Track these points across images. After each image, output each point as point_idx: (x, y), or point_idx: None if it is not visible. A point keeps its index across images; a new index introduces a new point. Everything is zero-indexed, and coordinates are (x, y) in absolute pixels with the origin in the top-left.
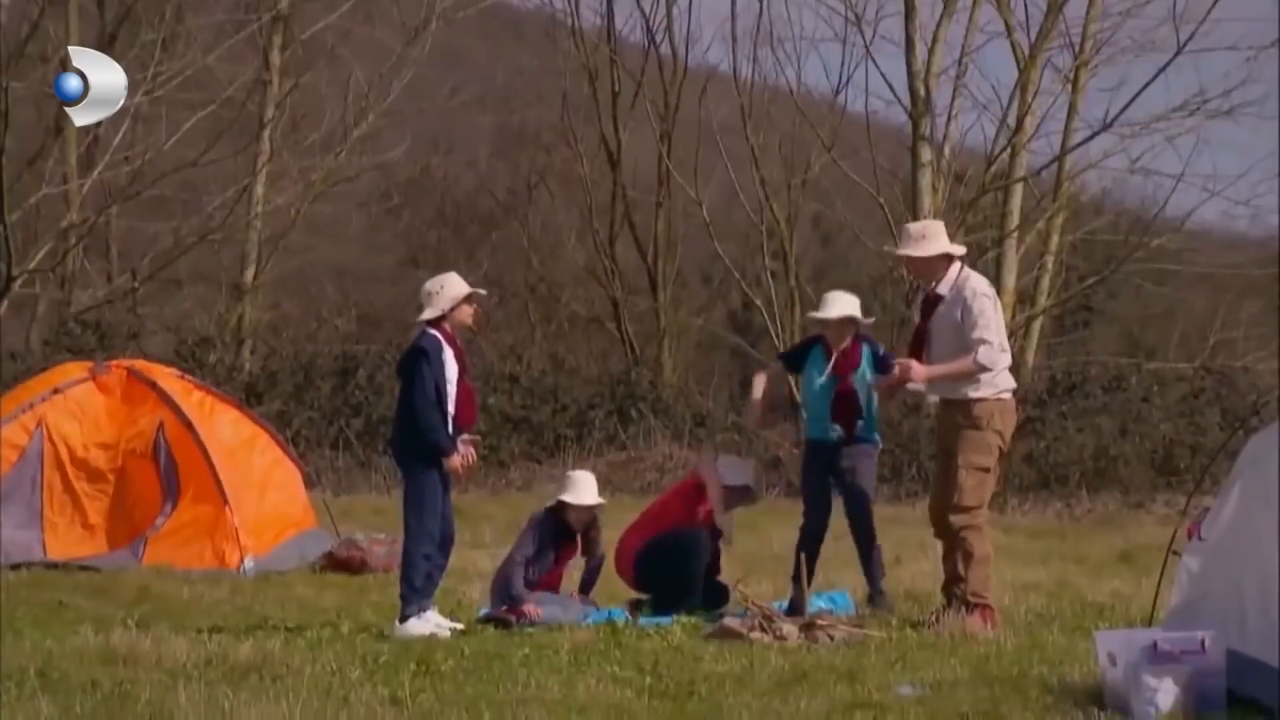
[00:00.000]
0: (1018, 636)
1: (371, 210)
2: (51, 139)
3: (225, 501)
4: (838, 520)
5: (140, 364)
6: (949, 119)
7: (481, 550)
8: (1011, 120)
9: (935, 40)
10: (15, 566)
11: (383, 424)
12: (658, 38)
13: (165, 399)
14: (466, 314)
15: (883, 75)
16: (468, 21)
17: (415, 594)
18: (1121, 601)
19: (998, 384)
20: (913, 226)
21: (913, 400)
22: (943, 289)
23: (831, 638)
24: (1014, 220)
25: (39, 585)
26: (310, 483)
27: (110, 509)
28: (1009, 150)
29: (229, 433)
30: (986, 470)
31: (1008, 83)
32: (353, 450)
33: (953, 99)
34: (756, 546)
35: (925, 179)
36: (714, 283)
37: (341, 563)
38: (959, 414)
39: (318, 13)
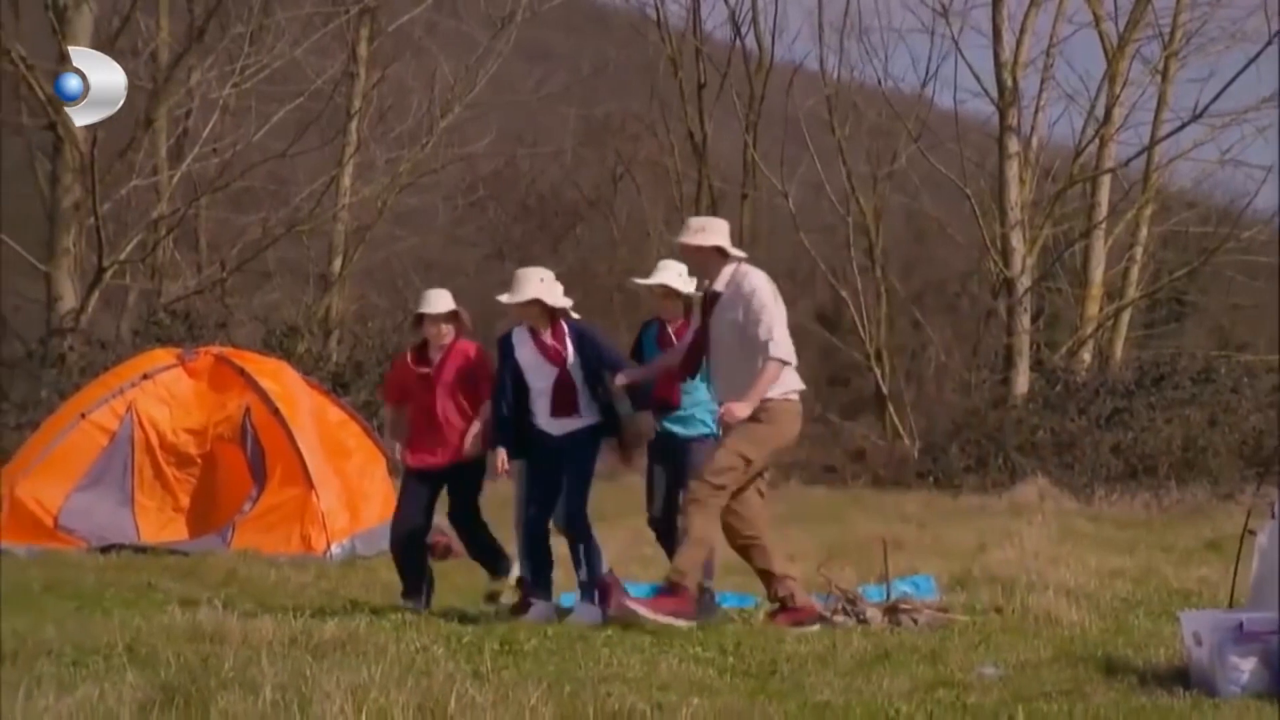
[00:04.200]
0: (1103, 620)
1: (457, 203)
2: (142, 131)
3: (312, 486)
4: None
5: (228, 350)
6: (1036, 110)
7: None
8: (1100, 111)
9: (1023, 31)
10: (106, 549)
11: None
12: (743, 30)
13: (252, 384)
14: (528, 315)
15: (969, 67)
16: (553, 14)
17: (529, 582)
18: (1209, 588)
19: (785, 384)
20: (694, 220)
21: (995, 393)
22: (719, 286)
23: (915, 621)
24: (1102, 212)
25: (129, 567)
26: (396, 470)
27: (199, 493)
28: (1097, 141)
29: (314, 419)
30: (748, 462)
31: (1096, 73)
32: None
33: (1040, 90)
34: (840, 532)
35: (1012, 170)
36: (800, 276)
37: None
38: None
39: (405, 5)
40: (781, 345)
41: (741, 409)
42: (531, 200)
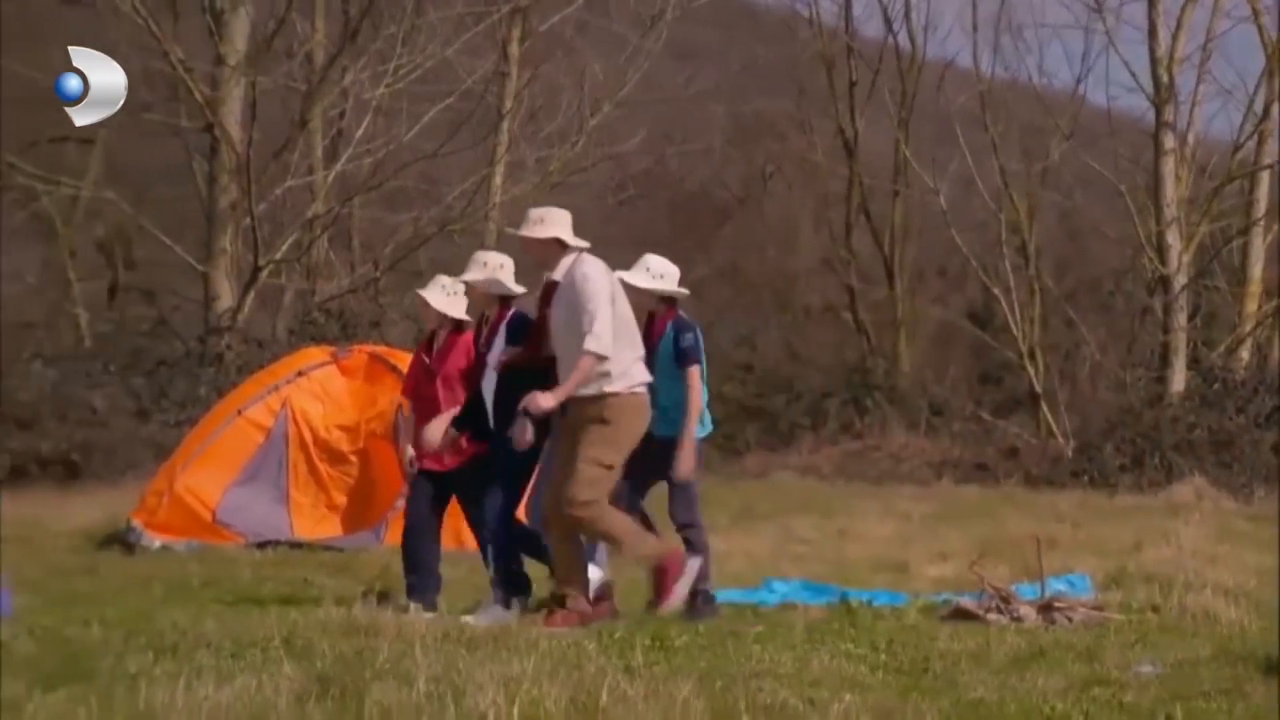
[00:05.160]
0: (1263, 619)
1: (607, 201)
2: (297, 132)
3: None
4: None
5: (381, 348)
6: (1193, 106)
7: (715, 534)
8: (1258, 107)
9: (1179, 26)
10: (262, 545)
11: None
12: (895, 26)
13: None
14: (473, 299)
15: (1125, 63)
16: (702, 12)
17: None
18: None
19: (632, 377)
20: (533, 210)
21: (1151, 392)
22: (558, 275)
23: (1070, 619)
24: (1260, 208)
25: (285, 563)
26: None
27: (353, 489)
28: (1256, 137)
29: None
30: (610, 468)
31: (1254, 69)
32: None
33: (1196, 85)
34: (992, 530)
35: (1168, 167)
36: (951, 274)
37: None
38: (590, 409)
39: (556, 5)
40: (601, 338)
41: (546, 399)
42: (681, 198)
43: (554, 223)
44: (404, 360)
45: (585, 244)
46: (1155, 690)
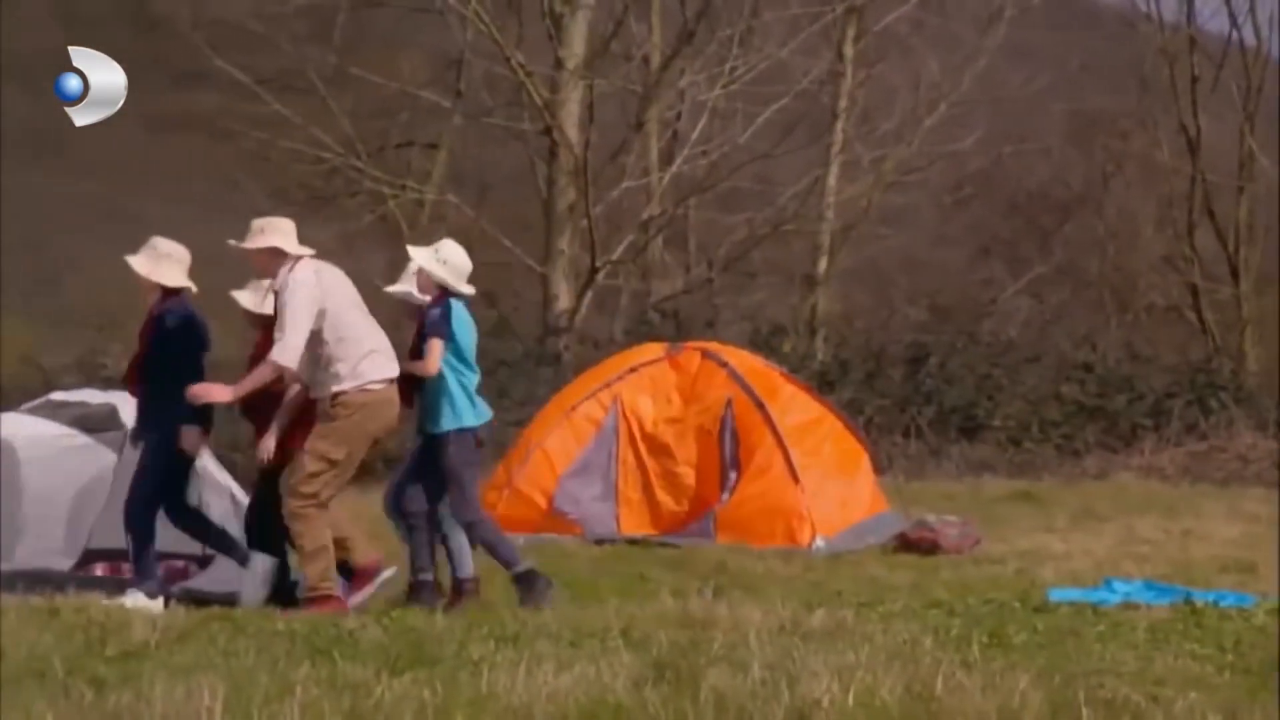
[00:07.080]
0: None
1: (943, 200)
2: (633, 134)
3: (796, 480)
4: None
5: (713, 345)
6: None
7: (1054, 534)
8: None
9: None
10: (600, 542)
11: (954, 412)
12: (1239, 20)
13: (735, 377)
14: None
15: None
16: (1040, 11)
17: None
18: None
19: (361, 375)
20: (255, 221)
21: None
22: (278, 285)
23: None
24: None
25: (620, 559)
26: (882, 468)
27: (680, 484)
28: None
29: (798, 414)
30: (334, 463)
31: None
32: (924, 438)
33: None
34: None
35: None
36: None
37: (913, 543)
38: (322, 407)
39: (891, 4)
40: (286, 350)
41: (219, 392)
42: (1020, 198)
43: (274, 232)
44: (737, 356)
45: (308, 251)
46: None
